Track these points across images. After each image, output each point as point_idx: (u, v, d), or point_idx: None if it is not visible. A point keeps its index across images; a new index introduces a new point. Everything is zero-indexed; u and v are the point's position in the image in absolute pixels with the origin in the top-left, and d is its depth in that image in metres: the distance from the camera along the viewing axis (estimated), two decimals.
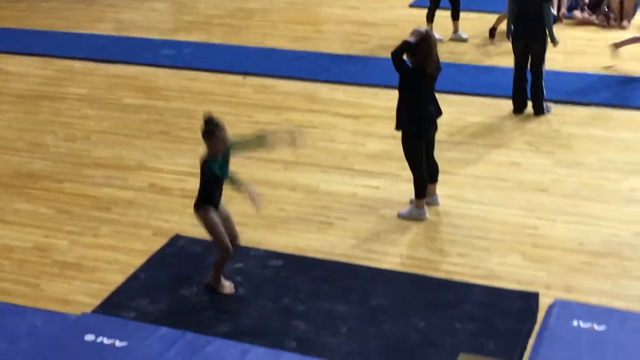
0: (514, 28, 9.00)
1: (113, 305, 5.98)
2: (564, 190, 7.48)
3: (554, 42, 8.90)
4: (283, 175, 7.88)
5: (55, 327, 5.68)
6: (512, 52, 9.10)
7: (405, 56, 6.73)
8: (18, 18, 13.19)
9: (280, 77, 10.27)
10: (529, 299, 5.94)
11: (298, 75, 10.29)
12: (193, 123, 8.34)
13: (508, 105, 9.20)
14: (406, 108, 6.85)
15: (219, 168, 5.75)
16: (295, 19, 12.85)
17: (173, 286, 6.18)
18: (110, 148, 8.54)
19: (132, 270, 6.40)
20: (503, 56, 10.52)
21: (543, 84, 9.00)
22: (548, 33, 8.82)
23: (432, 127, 7.02)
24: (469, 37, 11.52)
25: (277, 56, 11.10)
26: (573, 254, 6.53)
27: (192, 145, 8.13)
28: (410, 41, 6.66)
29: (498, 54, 10.87)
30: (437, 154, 7.25)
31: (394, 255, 6.58)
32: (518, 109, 9.14)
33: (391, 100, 7.30)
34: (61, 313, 5.87)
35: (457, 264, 6.44)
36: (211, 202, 5.89)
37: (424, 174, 7.01)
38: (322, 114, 9.27)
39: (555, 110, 9.15)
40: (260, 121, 8.88)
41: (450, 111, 8.51)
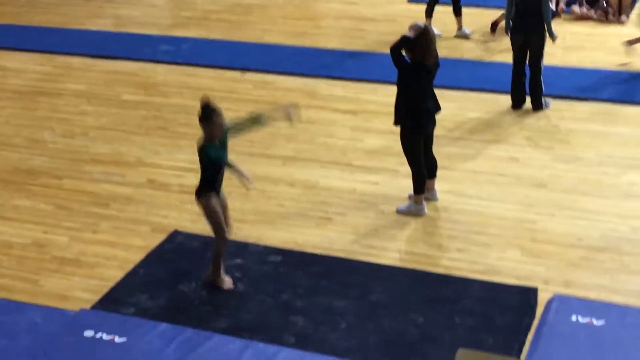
0: (512, 23, 8.99)
1: (112, 301, 5.98)
2: (563, 186, 7.49)
3: (553, 37, 8.90)
4: (282, 171, 7.88)
5: (55, 323, 5.68)
6: (511, 48, 9.11)
7: (404, 51, 6.73)
8: (16, 14, 13.17)
9: (279, 73, 10.27)
10: (528, 294, 5.94)
11: (297, 71, 10.29)
12: (192, 119, 8.31)
13: (507, 100, 9.20)
14: (405, 103, 6.85)
15: (215, 153, 5.74)
16: (294, 15, 12.85)
17: (172, 282, 6.18)
18: (109, 144, 8.54)
19: (131, 266, 6.40)
20: (503, 52, 10.51)
21: (542, 79, 8.99)
22: (546, 28, 8.81)
23: (431, 123, 7.01)
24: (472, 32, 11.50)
25: (276, 52, 11.10)
26: (572, 248, 6.53)
27: (191, 141, 8.09)
28: (409, 36, 6.65)
29: (499, 50, 10.85)
30: (436, 150, 7.24)
31: (393, 250, 6.58)
32: (517, 104, 9.14)
33: (390, 95, 7.30)
34: (60, 309, 5.88)
35: (456, 259, 6.44)
36: (213, 189, 5.88)
37: (423, 169, 7.01)
38: (321, 109, 9.26)
39: (554, 106, 9.15)
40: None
41: (449, 107, 8.52)
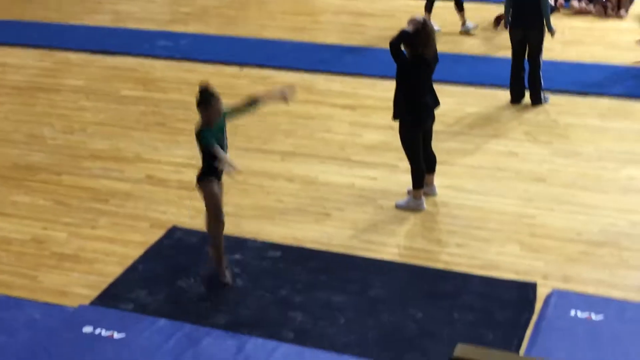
0: (511, 18, 8.98)
1: (111, 297, 5.98)
2: (562, 180, 7.48)
3: (551, 32, 8.89)
4: (281, 166, 7.88)
5: (54, 319, 5.68)
6: (510, 42, 9.09)
7: (403, 47, 6.72)
8: (15, 9, 13.15)
9: (278, 68, 10.25)
10: (527, 289, 5.94)
11: (296, 66, 10.28)
12: (190, 114, 8.30)
13: (506, 95, 9.19)
14: (403, 98, 6.84)
15: (208, 137, 5.73)
16: (293, 10, 12.82)
17: (171, 278, 6.18)
18: (107, 140, 8.53)
19: (130, 262, 6.40)
20: (503, 47, 10.49)
21: (541, 74, 8.98)
22: (545, 23, 8.80)
23: (430, 118, 7.00)
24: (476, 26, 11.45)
25: (275, 47, 11.09)
26: (571, 243, 6.53)
27: (189, 136, 8.03)
28: (408, 30, 6.64)
29: (503, 45, 10.82)
30: (435, 145, 7.24)
31: (392, 245, 6.58)
32: (516, 99, 9.13)
33: (388, 91, 7.29)
34: (59, 305, 5.88)
35: (455, 255, 6.44)
36: (214, 175, 5.87)
37: (422, 164, 7.00)
38: (320, 105, 9.25)
39: (553, 100, 9.14)
40: (258, 112, 8.82)
41: (448, 102, 8.51)
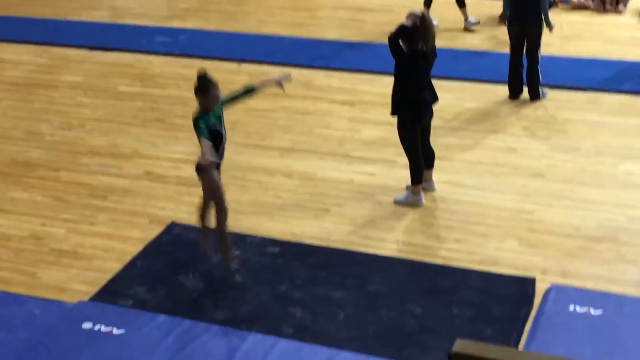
0: (509, 12, 8.97)
1: (110, 293, 5.98)
2: (560, 175, 7.48)
3: (550, 27, 8.88)
4: (279, 162, 7.87)
5: (53, 316, 5.69)
6: (508, 37, 9.09)
7: (401, 42, 6.71)
8: (13, 5, 13.13)
9: (276, 64, 10.23)
10: (526, 284, 5.95)
11: (294, 62, 10.26)
12: (188, 110, 8.27)
13: (504, 90, 9.19)
14: (402, 93, 6.83)
15: (205, 127, 5.70)
16: (291, 5, 12.81)
17: (170, 274, 6.19)
18: (106, 136, 8.53)
19: (129, 258, 6.41)
20: (501, 42, 10.48)
21: (539, 69, 8.97)
22: (544, 17, 8.79)
23: (428, 113, 7.00)
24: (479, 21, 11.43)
25: (273, 43, 11.08)
26: (569, 238, 6.53)
27: (188, 132, 8.05)
28: (407, 25, 6.63)
29: (498, 40, 10.82)
30: (434, 140, 7.24)
31: (391, 241, 6.58)
32: (514, 94, 9.13)
33: (387, 86, 7.28)
34: (58, 301, 5.88)
35: (454, 250, 6.44)
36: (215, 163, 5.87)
37: (420, 160, 7.00)
38: (318, 100, 9.25)
39: (551, 96, 9.14)
40: (257, 108, 8.85)
41: (447, 97, 8.51)
